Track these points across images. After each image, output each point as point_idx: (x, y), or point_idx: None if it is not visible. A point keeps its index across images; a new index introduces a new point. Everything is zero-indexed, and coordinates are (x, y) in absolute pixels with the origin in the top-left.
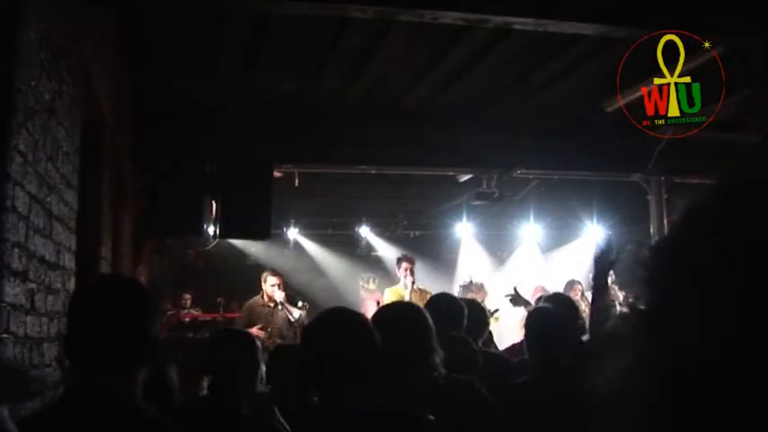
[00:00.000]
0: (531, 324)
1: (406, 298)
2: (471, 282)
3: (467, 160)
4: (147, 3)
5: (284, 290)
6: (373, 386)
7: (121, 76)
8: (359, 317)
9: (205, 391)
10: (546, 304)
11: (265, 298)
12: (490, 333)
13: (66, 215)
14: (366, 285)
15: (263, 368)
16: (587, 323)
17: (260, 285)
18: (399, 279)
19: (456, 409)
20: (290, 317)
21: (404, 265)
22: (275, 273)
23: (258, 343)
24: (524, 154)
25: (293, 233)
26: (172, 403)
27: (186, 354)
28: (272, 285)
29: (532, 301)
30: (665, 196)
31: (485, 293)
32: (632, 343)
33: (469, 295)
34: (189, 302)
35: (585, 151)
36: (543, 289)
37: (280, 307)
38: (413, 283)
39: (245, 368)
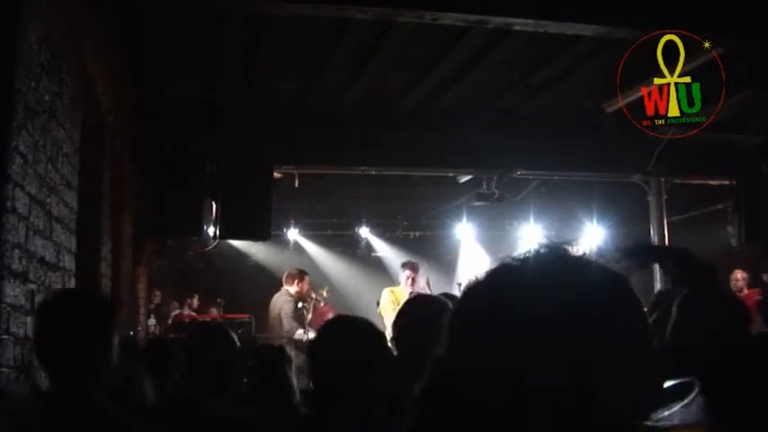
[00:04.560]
0: None
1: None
2: None
3: (467, 161)
4: (146, 3)
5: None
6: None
7: (121, 76)
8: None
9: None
10: None
11: (294, 294)
12: None
13: (66, 216)
14: (322, 292)
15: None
16: None
17: (291, 283)
18: (401, 282)
19: None
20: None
21: (407, 272)
22: (306, 272)
23: None
24: (524, 155)
25: (293, 234)
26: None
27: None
28: (308, 284)
29: None
30: (665, 197)
31: None
32: None
33: None
34: (195, 303)
35: (586, 152)
36: None
37: (317, 303)
38: (411, 293)
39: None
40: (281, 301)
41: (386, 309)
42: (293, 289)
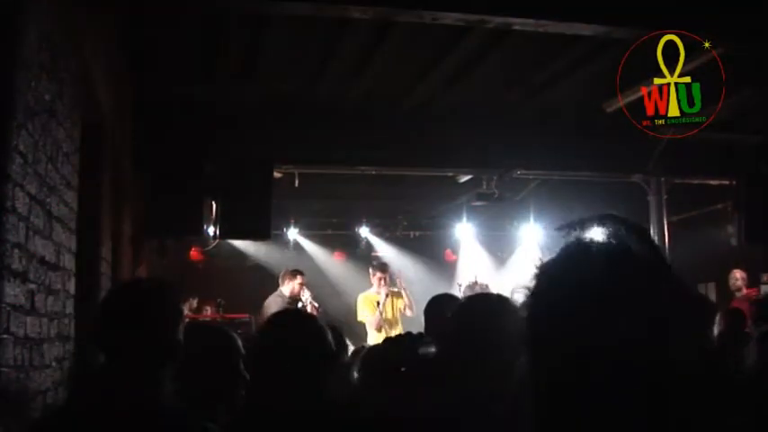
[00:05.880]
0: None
1: (381, 305)
2: (476, 282)
3: (467, 160)
4: (146, 3)
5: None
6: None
7: (121, 76)
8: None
9: None
10: None
11: (288, 294)
12: None
13: (66, 216)
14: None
15: None
16: None
17: (279, 282)
18: (372, 285)
19: None
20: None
21: (378, 275)
22: (300, 271)
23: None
24: (524, 154)
25: (293, 234)
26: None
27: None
28: (300, 284)
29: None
30: (665, 197)
31: None
32: None
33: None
34: (194, 304)
35: (586, 152)
36: None
37: (308, 304)
38: (387, 295)
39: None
40: (270, 302)
41: (365, 315)
42: (286, 289)
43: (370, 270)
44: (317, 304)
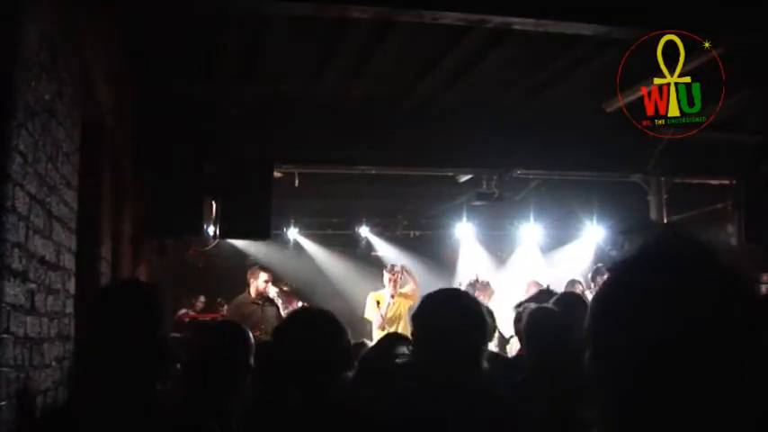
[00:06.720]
0: (531, 323)
1: (383, 306)
2: (477, 280)
3: (467, 160)
4: (146, 3)
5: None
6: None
7: (121, 76)
8: (328, 314)
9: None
10: (547, 305)
11: (253, 294)
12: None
13: (66, 215)
14: (283, 287)
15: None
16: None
17: (247, 282)
18: (385, 285)
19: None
20: (282, 312)
21: (387, 275)
22: (265, 268)
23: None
24: (524, 154)
25: (293, 233)
26: None
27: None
28: (265, 282)
29: (526, 297)
30: (665, 196)
31: (491, 292)
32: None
33: (475, 294)
34: (202, 304)
35: (585, 151)
36: (537, 284)
37: (279, 301)
38: (392, 296)
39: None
40: (233, 305)
41: (370, 313)
42: (252, 288)
43: (384, 272)
44: (281, 301)
